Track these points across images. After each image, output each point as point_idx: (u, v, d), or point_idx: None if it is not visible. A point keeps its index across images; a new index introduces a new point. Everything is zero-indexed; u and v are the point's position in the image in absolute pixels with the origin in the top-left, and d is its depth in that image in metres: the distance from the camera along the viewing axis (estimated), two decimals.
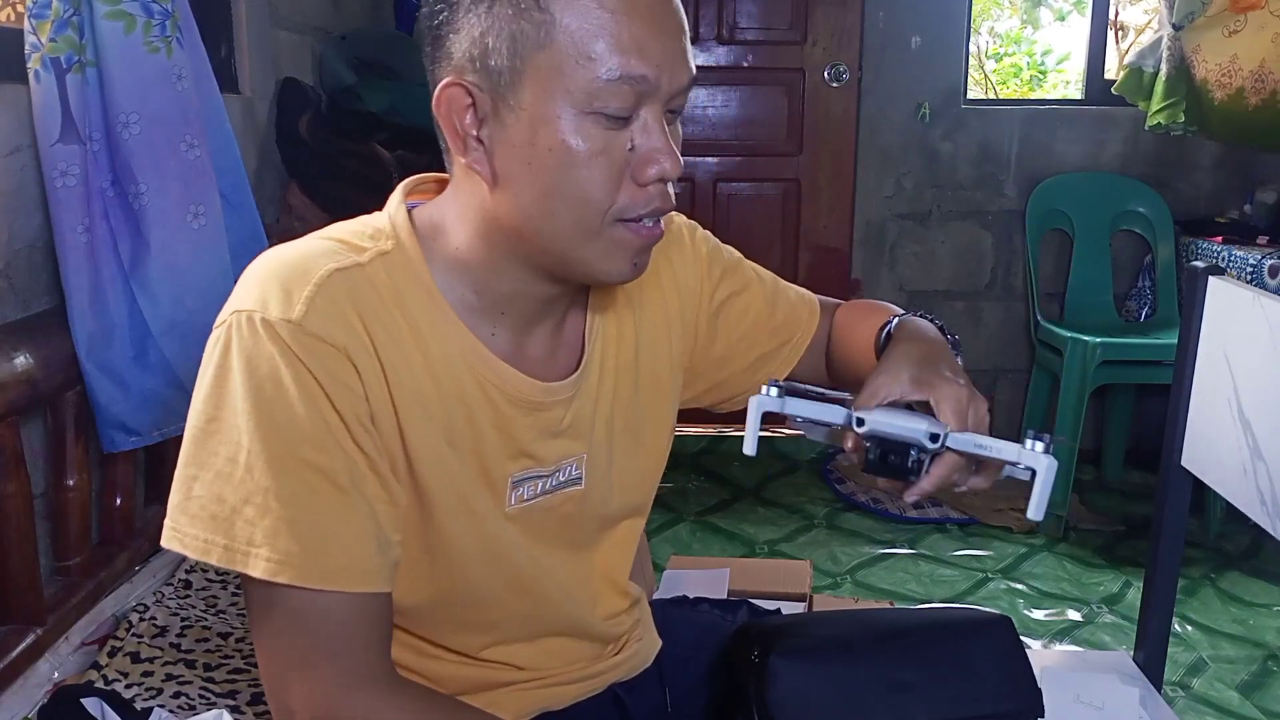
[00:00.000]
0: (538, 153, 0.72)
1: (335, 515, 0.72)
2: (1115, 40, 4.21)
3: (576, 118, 0.71)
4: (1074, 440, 2.69)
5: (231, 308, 0.73)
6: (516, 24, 0.70)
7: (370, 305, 0.74)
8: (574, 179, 0.72)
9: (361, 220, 0.81)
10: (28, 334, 1.35)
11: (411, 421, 0.76)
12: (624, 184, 0.73)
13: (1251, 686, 2.05)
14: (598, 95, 0.70)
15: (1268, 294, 1.18)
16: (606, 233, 0.74)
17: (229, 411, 0.71)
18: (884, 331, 0.92)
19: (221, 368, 0.71)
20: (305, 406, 0.70)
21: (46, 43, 1.34)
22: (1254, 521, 1.17)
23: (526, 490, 0.85)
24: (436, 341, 0.77)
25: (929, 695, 0.90)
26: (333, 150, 2.27)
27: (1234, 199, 3.04)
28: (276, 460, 0.70)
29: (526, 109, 0.71)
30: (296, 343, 0.70)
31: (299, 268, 0.73)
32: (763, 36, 3.12)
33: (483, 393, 0.80)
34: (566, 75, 0.70)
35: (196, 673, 1.36)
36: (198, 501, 0.72)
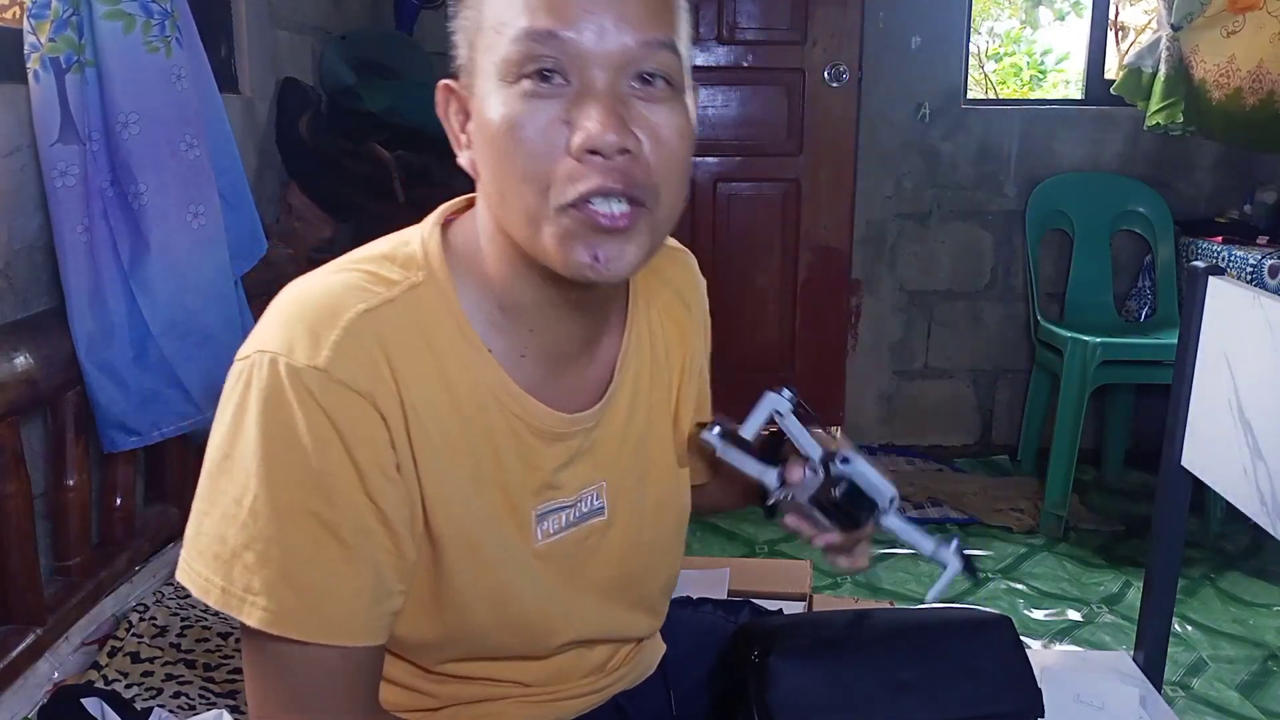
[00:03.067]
0: (484, 136, 0.72)
1: (335, 570, 0.71)
2: (1115, 40, 4.22)
3: (502, 89, 0.70)
4: (1074, 440, 2.69)
5: (256, 345, 0.71)
6: (466, 16, 0.74)
7: (398, 346, 0.72)
8: (508, 154, 0.70)
9: (395, 241, 0.79)
10: (28, 334, 1.35)
11: (432, 467, 0.74)
12: (562, 161, 0.69)
13: (1251, 686, 2.05)
14: (510, 58, 0.69)
15: (1268, 294, 1.18)
16: (556, 219, 0.70)
17: (241, 452, 0.70)
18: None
19: (240, 406, 0.70)
20: (319, 457, 0.69)
21: (46, 43, 1.34)
22: (1254, 521, 1.17)
23: (552, 524, 0.83)
24: (463, 376, 0.76)
25: (929, 695, 0.90)
26: (333, 150, 2.27)
27: (1234, 199, 3.04)
28: (283, 509, 0.69)
29: (477, 95, 0.73)
30: (321, 391, 0.69)
31: (327, 309, 0.71)
32: (763, 36, 3.11)
33: (508, 425, 0.78)
34: (493, 47, 0.71)
35: (196, 673, 1.36)
36: (204, 538, 0.71)
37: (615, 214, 0.70)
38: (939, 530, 2.75)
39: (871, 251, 3.23)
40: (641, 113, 0.70)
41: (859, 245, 3.21)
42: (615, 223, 0.70)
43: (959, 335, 3.27)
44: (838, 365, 3.30)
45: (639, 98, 0.70)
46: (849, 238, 3.20)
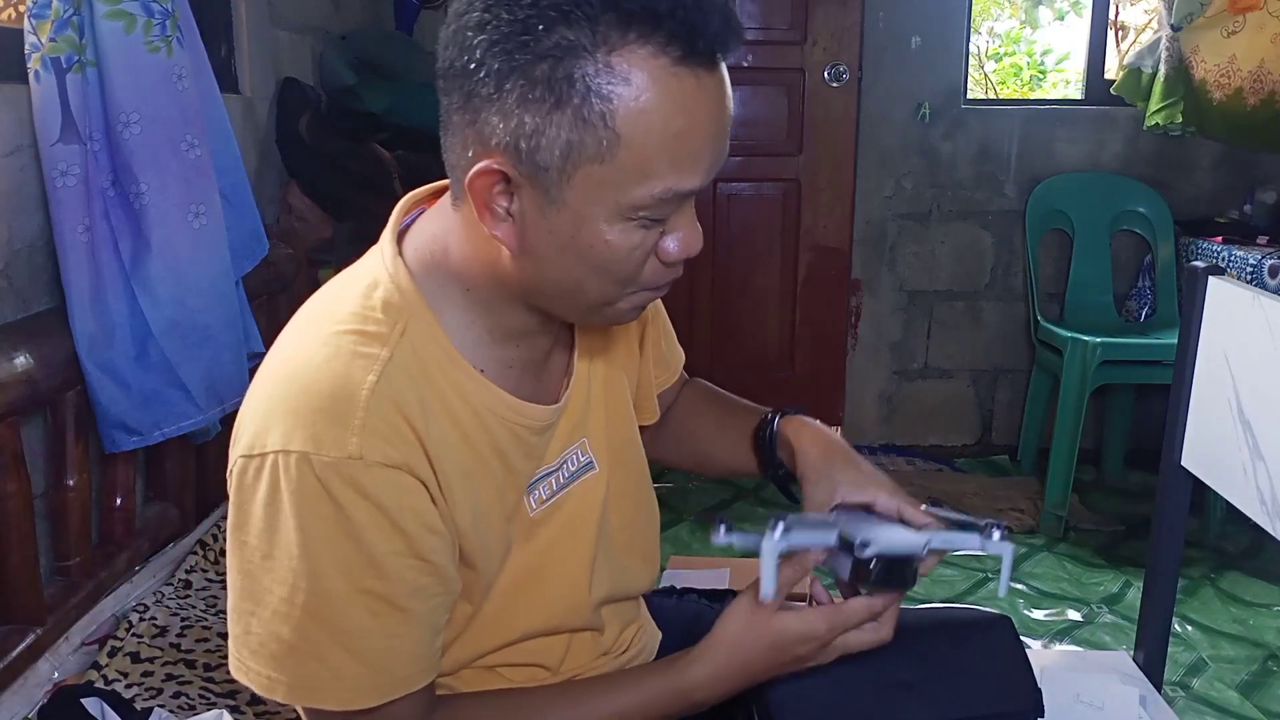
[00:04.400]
0: (576, 245, 0.72)
1: (397, 633, 0.73)
2: (1115, 40, 4.22)
3: (623, 220, 0.71)
4: (1074, 440, 2.69)
5: (272, 442, 0.70)
6: (575, 133, 0.68)
7: (411, 403, 0.73)
8: (608, 268, 0.73)
9: (362, 288, 0.77)
10: (28, 334, 1.35)
11: (459, 501, 0.76)
12: (652, 264, 0.75)
13: (1251, 686, 2.05)
14: (649, 207, 0.71)
15: (1268, 294, 1.18)
16: (620, 300, 0.76)
17: (283, 552, 0.70)
18: (767, 432, 0.99)
19: (272, 507, 0.70)
20: (368, 539, 0.70)
21: (46, 42, 1.34)
22: (1254, 521, 1.17)
23: (543, 490, 0.86)
24: (464, 405, 0.77)
25: (929, 695, 0.90)
26: (333, 150, 2.28)
27: (1234, 199, 3.04)
28: (338, 598, 0.71)
29: (570, 206, 0.70)
30: (362, 478, 0.69)
31: (340, 393, 0.71)
32: (763, 36, 3.11)
33: (510, 433, 0.81)
34: (621, 188, 0.70)
35: (196, 673, 1.36)
36: (257, 638, 0.73)
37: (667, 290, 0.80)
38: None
39: (871, 251, 3.23)
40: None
41: (859, 245, 3.21)
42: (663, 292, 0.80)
43: (959, 335, 3.27)
44: (838, 365, 3.30)
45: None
46: (849, 238, 3.20)
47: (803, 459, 0.94)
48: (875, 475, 0.91)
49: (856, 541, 0.79)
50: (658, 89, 0.67)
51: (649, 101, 0.67)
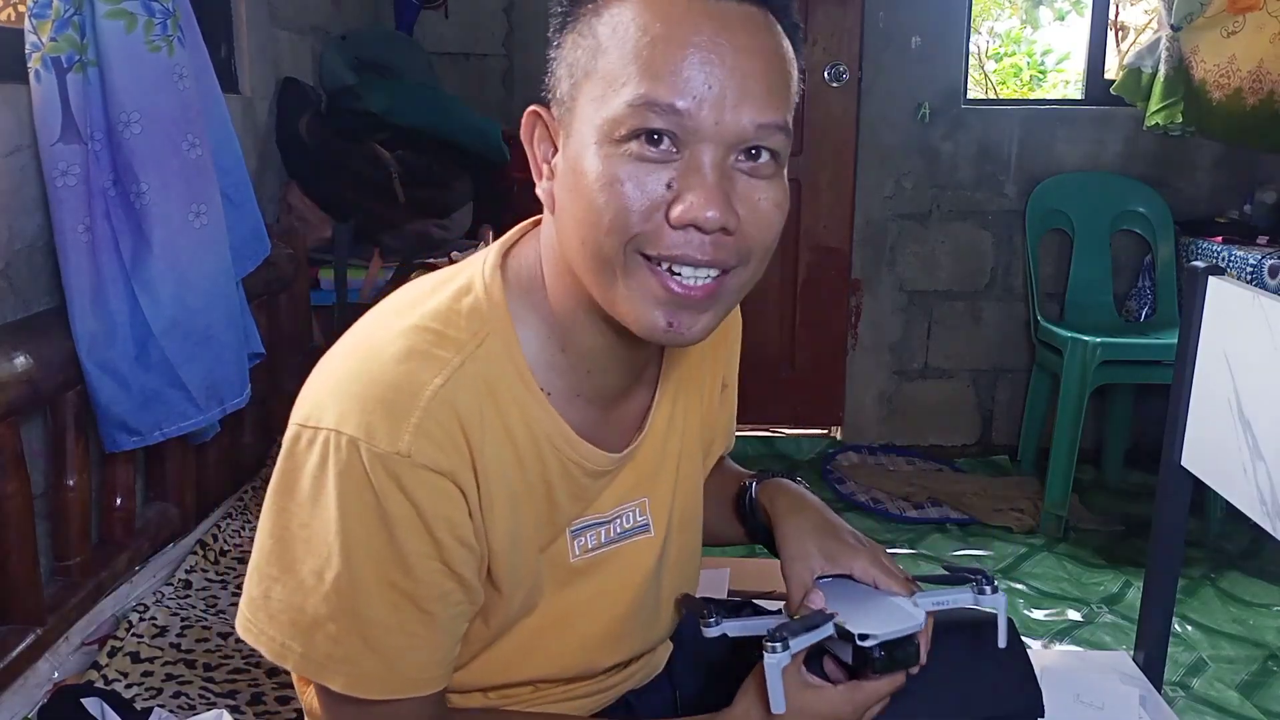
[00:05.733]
0: (575, 179, 0.70)
1: (414, 633, 0.73)
2: (1115, 40, 4.22)
3: (606, 145, 0.68)
4: (1074, 440, 2.69)
5: (328, 420, 0.70)
6: (574, 52, 0.71)
7: (471, 415, 0.72)
8: (601, 205, 0.68)
9: (456, 289, 0.77)
10: (28, 334, 1.35)
11: (496, 522, 0.75)
12: (658, 222, 0.68)
13: (1251, 686, 2.05)
14: (621, 119, 0.67)
15: (1268, 294, 1.18)
16: (630, 268, 0.70)
17: (321, 527, 0.71)
18: (745, 497, 0.98)
19: (318, 481, 0.70)
20: (400, 535, 0.70)
21: (47, 42, 1.34)
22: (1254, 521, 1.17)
23: (590, 539, 0.84)
24: (524, 427, 0.76)
25: (929, 695, 0.90)
26: (333, 150, 2.28)
27: (1234, 199, 3.04)
28: (364, 584, 0.71)
29: (574, 136, 0.71)
30: (405, 476, 0.69)
31: (404, 388, 0.70)
32: None
33: (563, 469, 0.79)
34: (603, 100, 0.68)
35: (196, 673, 1.36)
36: (277, 604, 0.73)
37: (698, 286, 0.70)
38: (939, 530, 2.75)
39: (871, 251, 3.23)
40: (745, 188, 0.70)
41: (859, 245, 3.21)
42: (694, 294, 0.70)
43: (959, 335, 3.27)
44: (838, 365, 3.30)
45: (744, 173, 0.70)
46: (849, 238, 3.20)
47: (779, 531, 0.91)
48: (850, 542, 0.88)
49: (856, 634, 0.79)
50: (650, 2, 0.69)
51: (638, 12, 0.68)
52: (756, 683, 0.81)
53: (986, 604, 0.86)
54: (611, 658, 0.89)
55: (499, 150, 2.53)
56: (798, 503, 0.93)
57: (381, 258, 2.26)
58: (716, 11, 0.68)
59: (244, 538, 1.74)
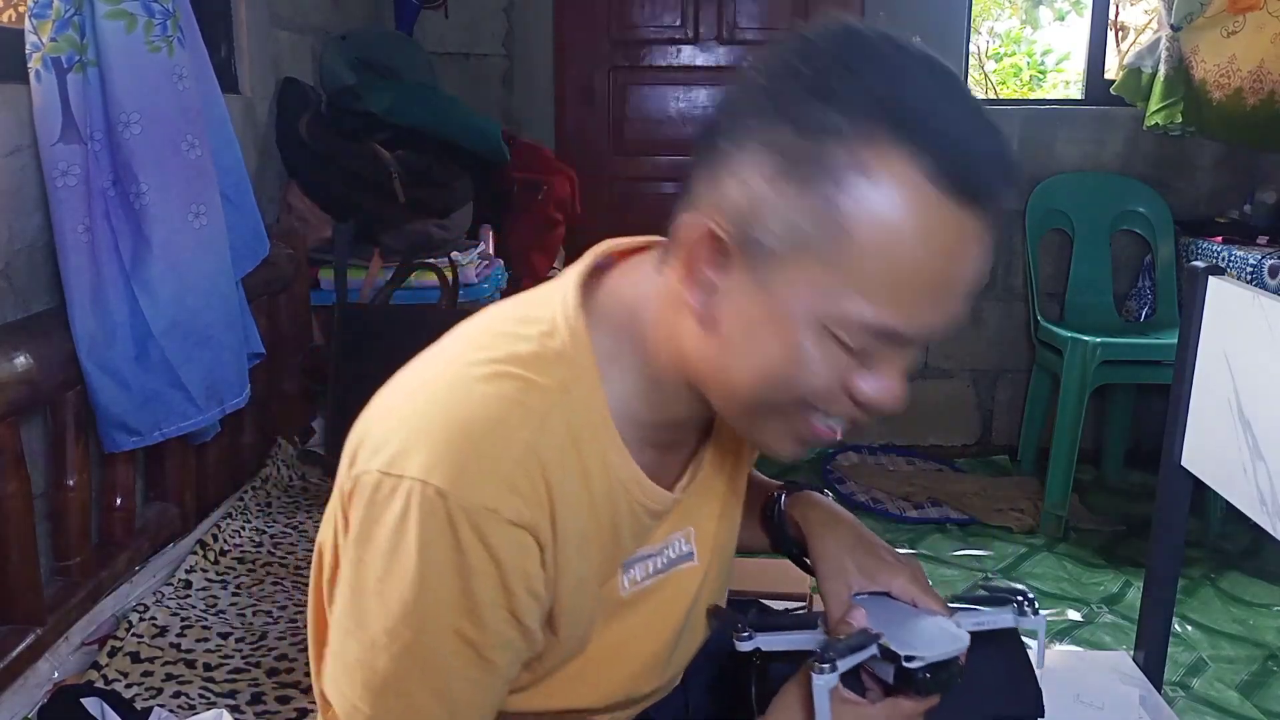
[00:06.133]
0: (765, 338, 0.67)
1: (477, 681, 0.72)
2: (1115, 40, 4.22)
3: (820, 331, 0.65)
4: (1074, 440, 2.69)
5: (412, 468, 0.67)
6: (807, 221, 0.63)
7: (554, 465, 0.70)
8: (788, 376, 0.67)
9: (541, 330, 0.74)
10: (28, 334, 1.35)
11: (565, 569, 0.74)
12: (838, 395, 0.69)
13: (1251, 686, 2.05)
14: (853, 331, 0.65)
15: (1268, 294, 1.18)
16: (792, 417, 0.70)
17: (398, 579, 0.69)
18: (774, 509, 0.97)
19: (398, 532, 0.68)
20: (477, 586, 0.69)
21: (47, 42, 1.34)
22: (1254, 521, 1.17)
23: (639, 571, 0.83)
24: (601, 473, 0.74)
25: None
26: (333, 150, 2.27)
27: (1234, 199, 3.04)
28: (433, 630, 0.69)
29: (775, 295, 0.66)
30: (490, 530, 0.67)
31: (496, 442, 0.68)
32: (763, 36, 3.11)
33: (631, 511, 0.78)
34: (833, 297, 0.64)
35: (196, 673, 1.36)
36: (353, 659, 0.71)
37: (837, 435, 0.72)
38: (939, 530, 2.75)
39: None
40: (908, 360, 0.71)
41: None
42: (832, 440, 0.73)
43: (959, 335, 3.27)
44: None
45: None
46: None
47: (814, 548, 0.91)
48: (888, 560, 0.88)
49: (902, 655, 0.78)
50: (910, 208, 0.62)
51: (896, 217, 0.62)
52: (799, 698, 0.80)
53: (1027, 625, 0.86)
54: (652, 684, 0.88)
55: (499, 150, 2.53)
56: (831, 518, 0.92)
57: (381, 258, 2.26)
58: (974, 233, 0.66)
59: (244, 538, 1.74)
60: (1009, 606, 0.86)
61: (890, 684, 0.80)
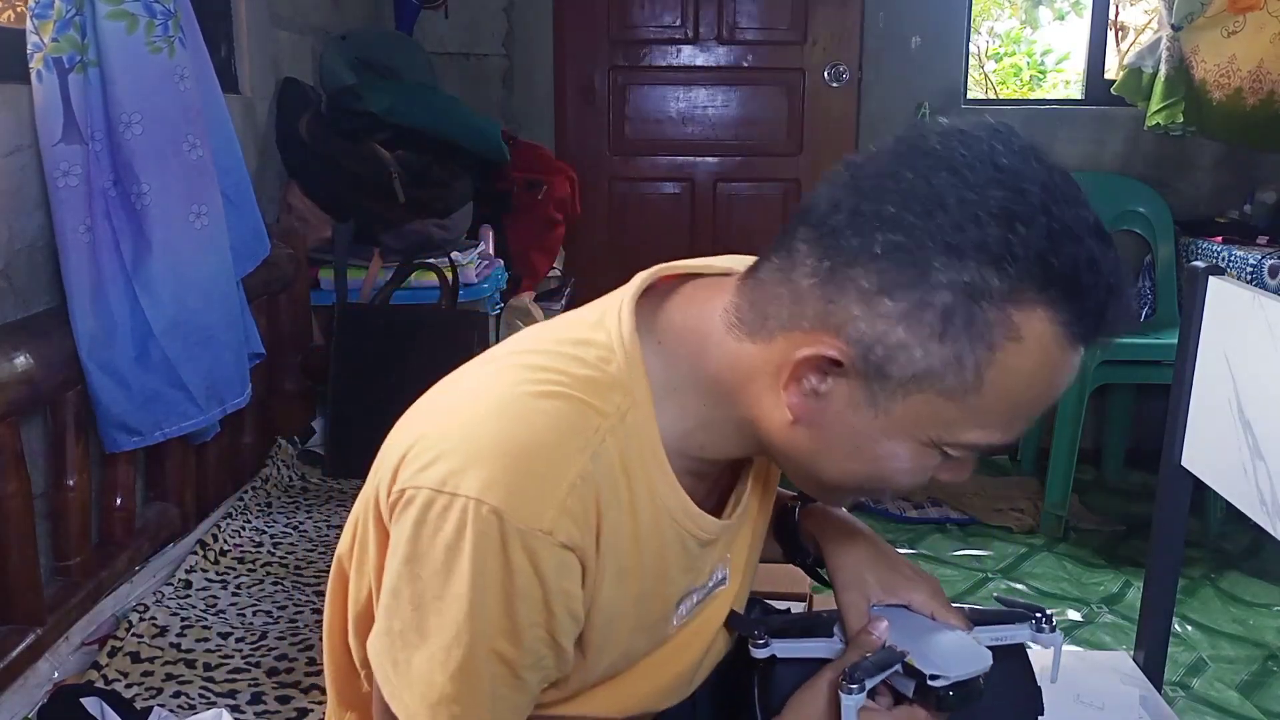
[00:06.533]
0: (867, 448, 0.70)
1: (511, 701, 0.73)
2: (1115, 40, 4.22)
3: (921, 448, 0.70)
4: (1074, 440, 2.68)
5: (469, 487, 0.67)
6: (941, 365, 0.64)
7: (607, 493, 0.71)
8: (884, 477, 0.72)
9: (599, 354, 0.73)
10: (28, 334, 1.35)
11: (604, 593, 0.74)
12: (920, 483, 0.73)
13: (1251, 686, 2.05)
14: (958, 446, 0.69)
15: (1268, 294, 1.18)
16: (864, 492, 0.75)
17: (453, 598, 0.69)
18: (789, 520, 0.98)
19: (452, 551, 0.68)
20: (521, 607, 0.69)
21: (49, 43, 1.34)
22: (1254, 521, 1.17)
23: (685, 606, 0.84)
24: (649, 502, 0.74)
25: None
26: (333, 150, 2.27)
27: (1234, 199, 3.04)
28: (480, 651, 0.70)
29: (891, 417, 0.68)
30: (541, 551, 0.67)
31: (555, 465, 0.68)
32: (763, 36, 3.12)
33: (679, 541, 0.78)
34: (952, 427, 0.68)
35: (196, 673, 1.36)
36: (417, 674, 0.72)
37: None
38: (939, 530, 2.75)
39: None
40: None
41: None
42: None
43: None
44: None
45: None
46: None
47: (832, 560, 0.91)
48: (907, 574, 0.89)
49: (927, 674, 0.78)
50: (1042, 356, 0.65)
51: (1028, 365, 0.65)
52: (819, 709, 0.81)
53: (1045, 641, 0.88)
54: (675, 699, 0.88)
55: (499, 150, 2.53)
56: (848, 530, 0.93)
57: (381, 258, 2.26)
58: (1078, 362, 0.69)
59: (244, 538, 1.74)
60: (1028, 623, 0.87)
61: (909, 697, 0.80)
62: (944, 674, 0.78)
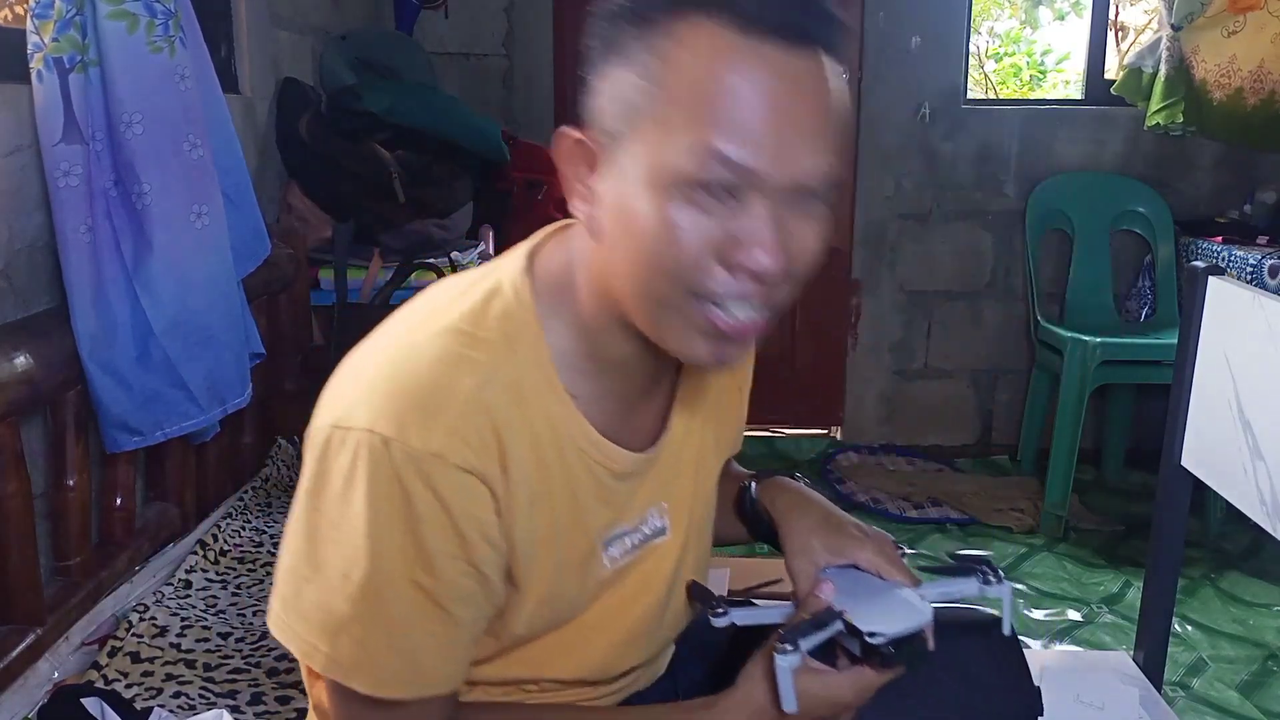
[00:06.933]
0: (627, 218, 0.71)
1: (434, 632, 0.74)
2: (1115, 40, 4.22)
3: (671, 191, 0.68)
4: (1074, 440, 2.69)
5: (361, 420, 0.70)
6: (625, 87, 0.70)
7: (500, 414, 0.73)
8: (659, 251, 0.69)
9: (485, 291, 0.77)
10: (28, 334, 1.35)
11: (520, 522, 0.76)
12: (712, 266, 0.70)
13: (1251, 686, 2.05)
14: (687, 171, 0.68)
15: (1268, 294, 1.18)
16: (685, 309, 0.71)
17: (350, 526, 0.71)
18: (746, 497, 0.98)
19: (349, 481, 0.71)
20: (429, 534, 0.71)
21: (49, 43, 1.34)
22: (1254, 521, 1.17)
23: (617, 549, 0.85)
24: (548, 428, 0.76)
25: (928, 696, 0.90)
26: (333, 150, 2.28)
27: (1234, 199, 3.04)
28: (388, 580, 0.71)
29: (628, 174, 0.70)
30: (437, 475, 0.70)
31: (439, 389, 0.71)
32: None
33: (587, 470, 0.80)
34: (661, 146, 0.68)
35: (196, 673, 1.36)
36: (309, 603, 0.74)
37: (745, 322, 0.72)
38: (939, 530, 2.75)
39: (871, 251, 3.23)
40: (796, 229, 0.72)
41: (859, 245, 3.21)
42: (744, 330, 0.72)
43: (959, 335, 3.27)
44: (838, 365, 3.30)
45: (796, 216, 0.72)
46: (849, 238, 3.20)
47: (782, 530, 0.93)
48: (853, 534, 0.89)
49: (865, 632, 0.79)
50: (713, 52, 0.68)
51: (702, 62, 0.68)
52: (762, 671, 0.82)
53: (992, 594, 0.87)
54: (627, 662, 0.89)
55: (499, 150, 2.53)
56: (800, 499, 0.94)
57: (381, 258, 2.26)
58: (781, 64, 0.68)
59: (244, 538, 1.74)
60: (974, 576, 0.87)
61: (857, 656, 0.82)
62: (881, 631, 0.79)
